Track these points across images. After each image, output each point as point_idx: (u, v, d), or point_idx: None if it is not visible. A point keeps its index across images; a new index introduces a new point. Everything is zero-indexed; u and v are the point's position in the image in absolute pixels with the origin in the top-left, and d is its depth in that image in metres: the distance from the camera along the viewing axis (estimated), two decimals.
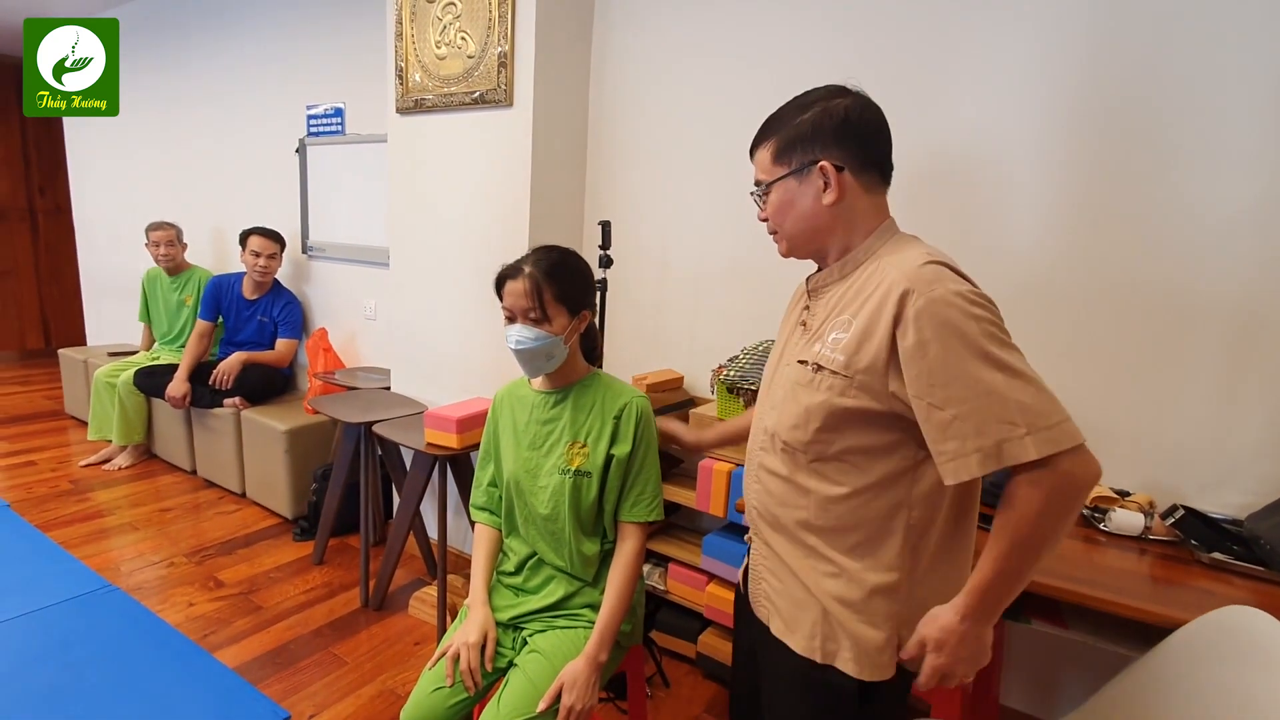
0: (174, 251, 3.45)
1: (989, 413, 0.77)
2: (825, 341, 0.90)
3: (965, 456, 0.79)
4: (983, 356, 0.78)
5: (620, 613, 1.26)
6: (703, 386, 2.20)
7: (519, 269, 1.26)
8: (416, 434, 2.10)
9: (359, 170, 3.02)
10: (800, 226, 0.96)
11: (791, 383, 0.94)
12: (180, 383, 3.03)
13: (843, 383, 0.86)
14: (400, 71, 2.38)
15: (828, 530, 0.92)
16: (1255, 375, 1.47)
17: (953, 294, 0.79)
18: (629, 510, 1.31)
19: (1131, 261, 1.56)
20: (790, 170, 0.93)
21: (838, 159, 0.90)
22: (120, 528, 2.80)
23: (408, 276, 2.54)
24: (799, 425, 0.91)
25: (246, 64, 3.44)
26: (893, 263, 0.87)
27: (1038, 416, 0.76)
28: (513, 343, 1.26)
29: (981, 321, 0.79)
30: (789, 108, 0.95)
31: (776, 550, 0.99)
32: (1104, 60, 1.55)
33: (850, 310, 0.89)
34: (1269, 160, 1.42)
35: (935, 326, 0.79)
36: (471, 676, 1.20)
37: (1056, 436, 0.76)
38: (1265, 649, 0.99)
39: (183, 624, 2.16)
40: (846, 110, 0.91)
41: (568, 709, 1.15)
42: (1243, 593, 1.23)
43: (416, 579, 2.52)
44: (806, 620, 0.94)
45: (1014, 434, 0.76)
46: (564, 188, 2.31)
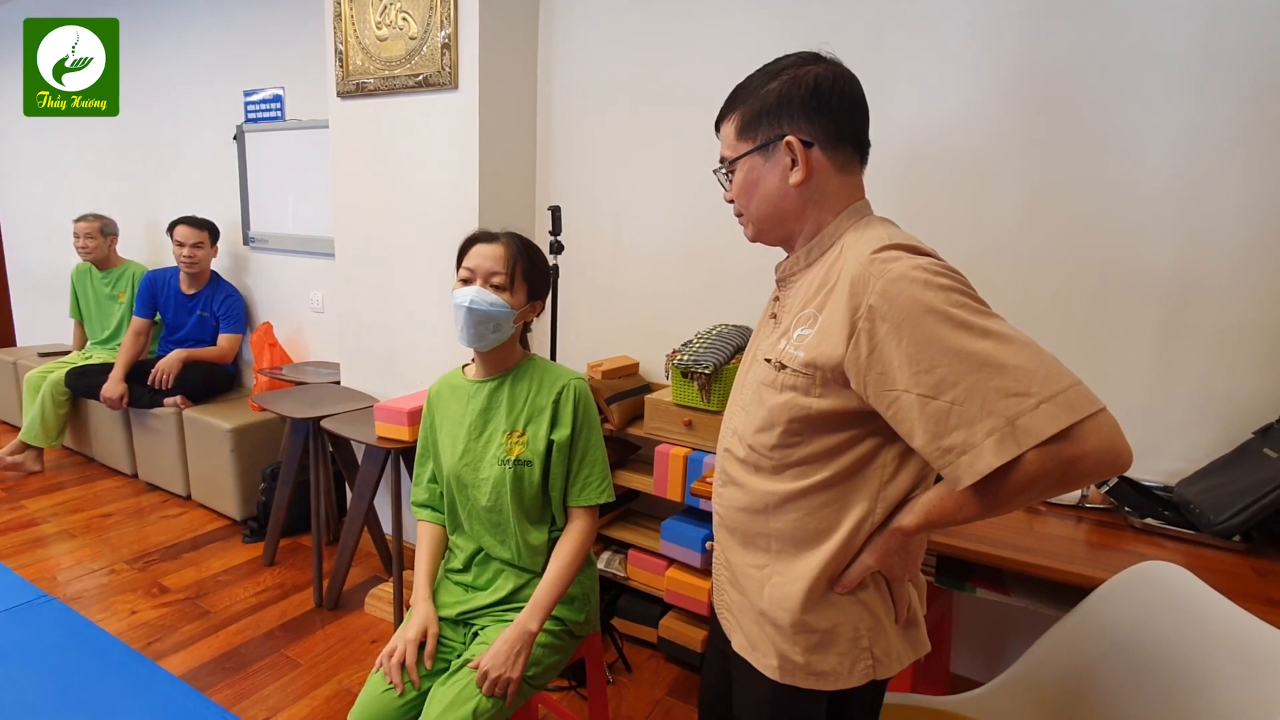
0: (98, 244, 3.27)
1: (990, 387, 0.66)
2: (790, 337, 0.82)
3: (977, 446, 0.67)
4: (963, 327, 0.68)
5: (559, 586, 1.23)
6: (658, 372, 2.20)
7: (494, 235, 1.26)
8: (367, 428, 2.05)
9: (301, 157, 2.91)
10: (765, 209, 0.87)
11: (757, 382, 0.87)
12: (116, 383, 2.89)
13: (806, 382, 0.79)
14: (340, 54, 2.30)
15: (787, 538, 0.85)
16: (1183, 347, 1.53)
17: (911, 269, 0.71)
18: (577, 495, 1.29)
19: (1067, 238, 1.61)
20: (755, 146, 0.85)
21: (806, 133, 0.82)
22: (56, 535, 2.67)
23: (355, 267, 2.47)
24: (764, 429, 0.84)
25: (180, 47, 3.27)
26: (852, 248, 0.79)
27: (1047, 380, 0.65)
28: (466, 301, 1.20)
29: (950, 291, 0.70)
30: (756, 76, 0.87)
31: (735, 560, 0.92)
32: (1035, 44, 1.58)
33: (815, 302, 0.81)
34: (1188, 141, 1.47)
35: (901, 308, 0.70)
36: (409, 672, 1.17)
37: (1074, 401, 0.65)
38: (1178, 598, 1.04)
39: (125, 633, 2.07)
40: (817, 79, 0.82)
41: (484, 671, 1.12)
42: (1173, 555, 1.28)
43: (372, 576, 2.47)
44: (764, 637, 0.87)
45: (1026, 404, 0.65)
46: (514, 173, 2.27)
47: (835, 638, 0.84)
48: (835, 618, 0.84)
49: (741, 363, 0.99)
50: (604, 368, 2.07)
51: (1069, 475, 0.66)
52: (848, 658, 0.84)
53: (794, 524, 0.84)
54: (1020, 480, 0.67)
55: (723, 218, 2.05)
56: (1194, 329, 1.53)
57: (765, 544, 0.87)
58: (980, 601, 1.73)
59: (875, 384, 0.73)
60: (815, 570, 0.82)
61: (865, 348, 0.73)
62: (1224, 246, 1.48)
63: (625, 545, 2.11)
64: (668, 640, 2.00)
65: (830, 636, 0.84)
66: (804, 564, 0.84)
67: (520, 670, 1.15)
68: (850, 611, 0.84)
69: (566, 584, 1.25)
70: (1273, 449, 1.36)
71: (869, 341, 0.73)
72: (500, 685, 1.12)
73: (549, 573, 1.24)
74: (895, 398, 0.72)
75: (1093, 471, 0.66)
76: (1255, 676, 0.90)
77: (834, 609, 0.84)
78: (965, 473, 0.69)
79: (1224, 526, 1.32)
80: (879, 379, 0.73)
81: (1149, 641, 1.04)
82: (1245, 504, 1.30)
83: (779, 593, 0.85)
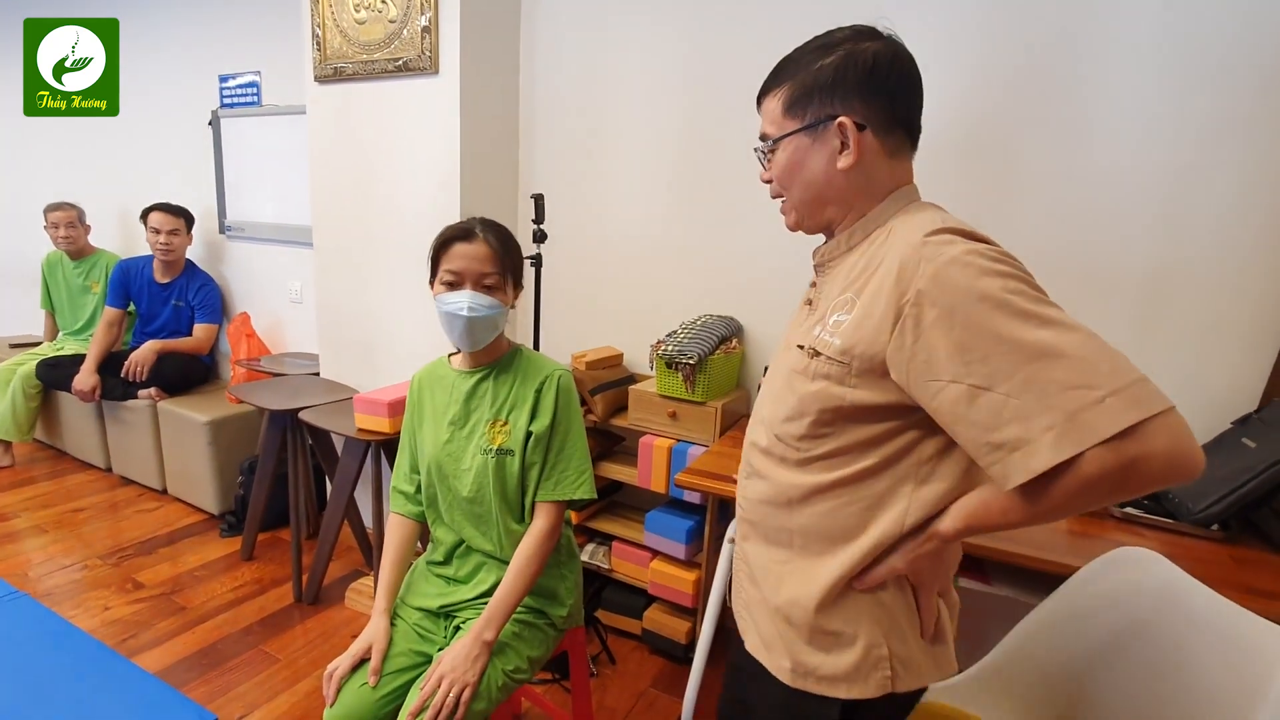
0: (75, 234, 3.20)
1: (1050, 379, 0.61)
2: (826, 324, 0.77)
3: (1032, 442, 0.61)
4: (1021, 315, 0.63)
5: (517, 592, 1.19)
6: (643, 363, 2.18)
7: (471, 232, 1.19)
8: (347, 420, 2.01)
9: (278, 144, 2.85)
10: (808, 193, 0.81)
11: (788, 370, 0.82)
12: (88, 375, 2.82)
13: (840, 370, 0.74)
14: (318, 38, 2.24)
15: (811, 535, 0.80)
16: (1162, 338, 1.55)
17: (965, 253, 0.66)
18: (550, 489, 1.25)
19: (1043, 229, 1.61)
20: (803, 125, 0.79)
21: (860, 115, 0.76)
22: (28, 531, 2.61)
23: (334, 256, 2.42)
24: (793, 418, 0.79)
25: (152, 28, 3.18)
26: (901, 231, 0.74)
27: (1113, 374, 0.59)
28: (464, 310, 1.16)
29: (1008, 278, 0.64)
30: (807, 49, 0.80)
31: (755, 555, 0.87)
32: (1011, 33, 1.58)
33: (854, 287, 0.76)
34: (1167, 133, 1.48)
35: (953, 294, 0.65)
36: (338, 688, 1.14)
37: (1141, 396, 0.59)
38: (1153, 582, 1.05)
39: (98, 629, 2.03)
40: (875, 57, 0.76)
41: (438, 677, 1.09)
42: (1153, 543, 1.29)
43: (353, 570, 2.43)
44: (778, 636, 0.83)
45: (1090, 398, 0.59)
46: (496, 160, 2.23)
47: (851, 641, 0.79)
48: (853, 620, 0.79)
49: (776, 354, 0.94)
50: (588, 358, 2.05)
51: (1130, 478, 0.60)
52: (863, 664, 0.78)
53: (819, 520, 0.79)
54: (1076, 482, 0.61)
55: (709, 207, 2.03)
56: (1173, 320, 1.54)
57: (788, 539, 0.82)
58: (960, 590, 1.73)
59: (919, 373, 0.68)
60: (838, 571, 0.78)
61: (911, 335, 0.67)
62: (1202, 238, 1.49)
63: (609, 537, 2.10)
64: (651, 632, 1.99)
65: (846, 639, 0.79)
66: (826, 563, 0.79)
67: (478, 675, 1.11)
68: (870, 614, 0.79)
69: (523, 591, 1.20)
70: (1251, 439, 1.37)
71: (915, 329, 0.67)
72: (456, 689, 1.09)
73: (507, 577, 1.20)
74: (941, 388, 0.66)
75: (1157, 475, 0.59)
76: (1233, 665, 0.91)
77: (853, 610, 0.79)
78: (1017, 471, 0.63)
79: (1203, 515, 1.33)
80: (924, 368, 0.67)
81: (1125, 626, 1.05)
82: (1224, 493, 1.31)
83: (798, 590, 0.81)
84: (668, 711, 1.80)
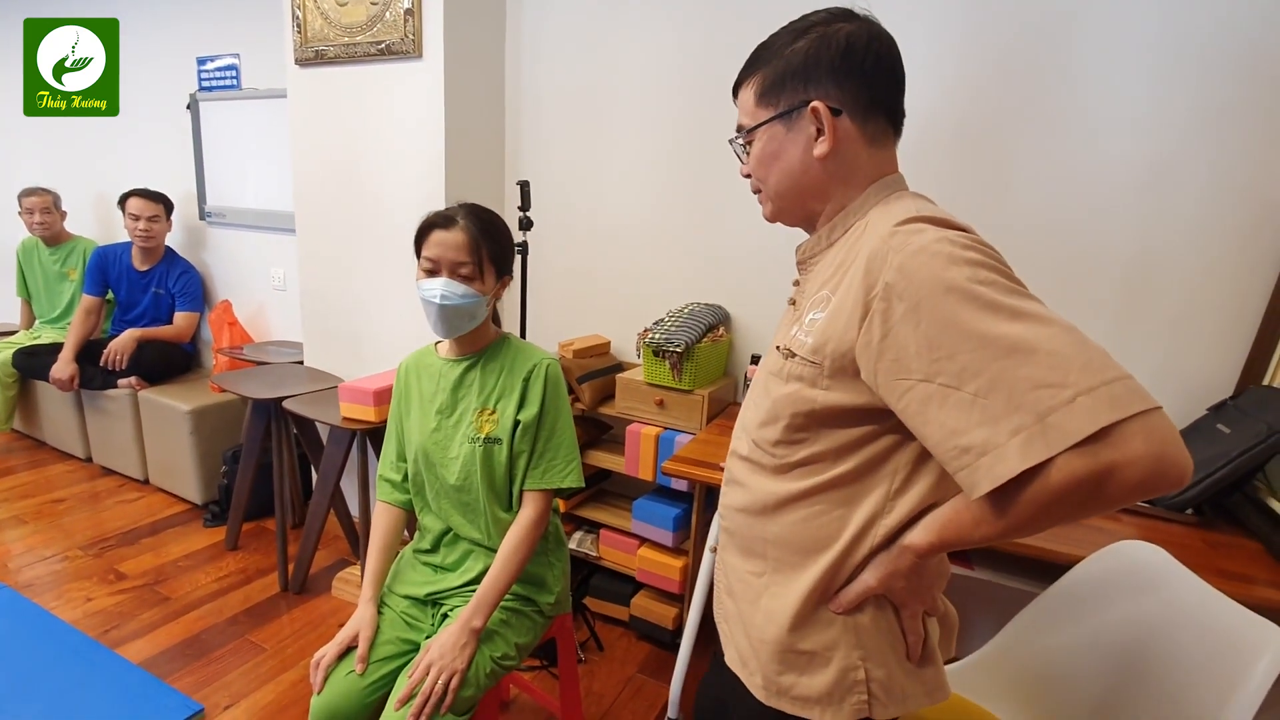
0: (51, 219, 3.13)
1: (1018, 376, 0.56)
2: (803, 323, 0.74)
3: (1000, 447, 0.56)
4: (990, 308, 0.58)
5: (505, 580, 1.19)
6: (630, 351, 2.18)
7: (451, 219, 1.18)
8: (332, 409, 2.00)
9: (259, 128, 2.80)
10: (785, 184, 0.77)
11: (767, 373, 0.79)
12: (66, 363, 2.77)
13: (813, 372, 0.70)
14: (298, 20, 2.20)
15: (784, 546, 0.77)
16: (1139, 326, 1.57)
17: (933, 241, 0.62)
18: (538, 478, 1.25)
19: (1024, 218, 1.63)
20: (777, 113, 0.75)
21: (834, 99, 0.72)
22: (7, 521, 2.57)
23: (318, 243, 2.39)
24: (767, 423, 0.77)
25: (128, 7, 3.10)
26: (876, 223, 0.70)
27: (1086, 370, 0.55)
28: (437, 297, 1.16)
29: (978, 266, 0.60)
30: (780, 35, 0.76)
31: (733, 566, 0.84)
32: (998, 25, 1.58)
33: (831, 284, 0.72)
34: (1148, 125, 1.49)
35: (920, 286, 0.60)
36: (326, 676, 1.15)
37: (1120, 395, 0.54)
38: (1154, 576, 1.07)
39: (80, 620, 2.01)
40: (849, 38, 0.72)
41: (427, 664, 1.10)
42: (1132, 529, 1.32)
43: (340, 559, 2.43)
44: (753, 653, 0.80)
45: (1060, 397, 0.54)
46: (482, 146, 2.21)
47: (825, 662, 0.75)
48: (827, 639, 0.75)
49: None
50: (575, 346, 2.04)
51: (1105, 488, 0.54)
52: (837, 687, 0.74)
53: (791, 529, 0.75)
54: (1044, 491, 0.56)
55: (696, 196, 2.02)
56: (1150, 309, 1.56)
57: (763, 549, 0.79)
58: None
59: (887, 372, 0.63)
60: (809, 585, 0.74)
61: (878, 331, 0.63)
62: (1179, 228, 1.51)
63: (597, 525, 2.10)
64: (639, 618, 2.01)
65: (819, 660, 0.75)
66: (800, 577, 0.75)
67: (466, 662, 1.12)
68: (846, 634, 0.74)
69: (511, 579, 1.21)
70: (1226, 425, 1.40)
71: (882, 324, 0.63)
72: (445, 676, 1.10)
73: (494, 566, 1.21)
74: (909, 388, 0.62)
75: (1136, 484, 0.54)
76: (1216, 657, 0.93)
77: (827, 629, 0.75)
78: (983, 477, 0.58)
79: (1178, 500, 1.36)
80: (892, 366, 0.63)
81: (1125, 621, 1.06)
82: (1198, 479, 1.34)
83: (772, 605, 0.77)
84: (655, 696, 1.82)
